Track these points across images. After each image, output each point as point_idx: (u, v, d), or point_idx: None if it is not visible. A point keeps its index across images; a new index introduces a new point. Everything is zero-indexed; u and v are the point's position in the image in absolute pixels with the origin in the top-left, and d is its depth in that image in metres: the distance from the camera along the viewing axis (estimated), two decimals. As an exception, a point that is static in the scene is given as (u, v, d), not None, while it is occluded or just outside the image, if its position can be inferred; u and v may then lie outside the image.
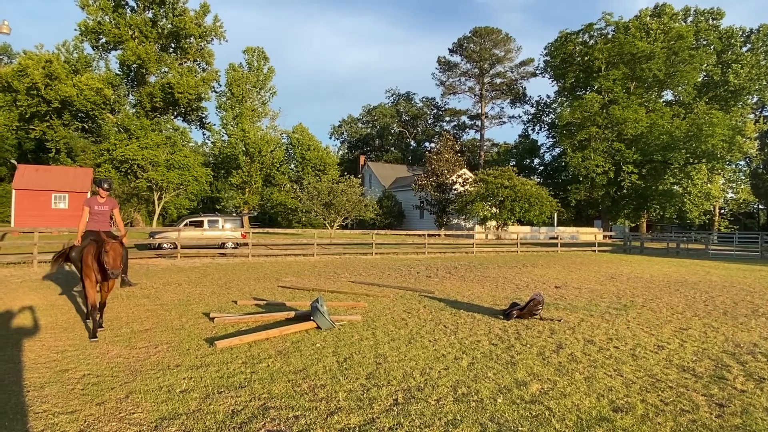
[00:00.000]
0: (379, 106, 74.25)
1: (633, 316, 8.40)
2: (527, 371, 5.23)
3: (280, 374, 4.99)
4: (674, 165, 41.02)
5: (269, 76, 50.35)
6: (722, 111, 42.90)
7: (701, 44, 47.04)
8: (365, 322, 7.53)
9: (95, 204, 7.21)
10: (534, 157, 64.15)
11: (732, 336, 7.07)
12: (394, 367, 5.28)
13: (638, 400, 4.42)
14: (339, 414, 4.00)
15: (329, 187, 34.76)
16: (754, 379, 5.09)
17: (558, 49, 47.84)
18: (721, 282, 13.91)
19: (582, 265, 18.64)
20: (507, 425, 3.83)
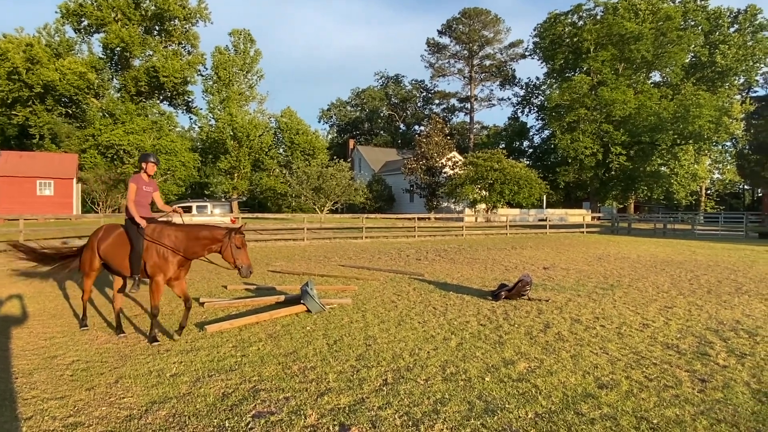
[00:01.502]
0: (368, 89, 73.70)
1: (619, 296, 8.53)
2: (515, 350, 5.31)
3: (271, 357, 5.02)
4: (662, 146, 41.29)
5: (256, 59, 49.69)
6: (709, 92, 43.13)
7: (689, 25, 47.04)
8: (355, 305, 7.57)
9: (143, 183, 6.06)
10: (523, 140, 64.25)
11: (715, 313, 7.21)
12: (383, 349, 5.33)
13: (623, 377, 4.51)
14: (329, 395, 4.04)
15: (318, 172, 34.61)
16: (735, 355, 5.20)
17: (547, 30, 47.63)
18: (706, 261, 14.13)
19: (570, 247, 18.82)
20: (494, 403, 3.89)
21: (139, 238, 5.67)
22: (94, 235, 6.08)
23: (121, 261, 5.73)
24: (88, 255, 6.01)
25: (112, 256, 5.82)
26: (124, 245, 5.75)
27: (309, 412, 3.69)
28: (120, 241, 5.82)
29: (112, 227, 6.12)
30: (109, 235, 5.95)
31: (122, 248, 5.75)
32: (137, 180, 6.03)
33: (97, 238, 5.98)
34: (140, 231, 5.70)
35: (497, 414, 3.68)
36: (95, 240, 5.98)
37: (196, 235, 5.74)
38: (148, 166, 6.11)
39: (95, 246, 5.94)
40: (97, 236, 6.01)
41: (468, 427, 3.48)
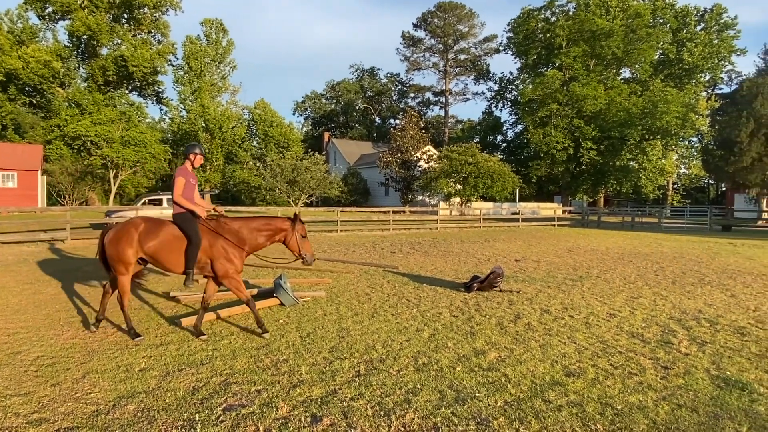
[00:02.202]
0: (343, 81, 73.26)
1: (588, 287, 8.74)
2: (486, 340, 5.40)
3: (243, 350, 4.99)
4: (631, 141, 42.27)
5: (228, 50, 48.89)
6: (676, 88, 44.31)
7: (658, 23, 48.14)
8: (329, 298, 7.57)
9: (190, 176, 5.77)
10: (497, 134, 64.82)
11: (679, 303, 7.45)
12: (356, 341, 5.35)
13: (590, 365, 4.63)
14: (301, 387, 4.04)
15: (293, 165, 34.35)
16: (697, 343, 5.40)
17: (521, 25, 48.10)
18: (672, 253, 14.57)
19: (542, 239, 19.15)
20: (465, 392, 3.96)
21: (197, 232, 5.47)
22: (129, 229, 5.40)
23: (172, 256, 5.43)
24: (126, 251, 5.32)
25: (163, 251, 5.42)
26: (177, 240, 5.45)
27: (281, 404, 3.69)
28: (172, 236, 5.47)
29: (152, 221, 5.63)
30: (157, 229, 5.48)
31: (175, 243, 5.44)
32: (185, 173, 5.71)
33: (137, 233, 5.39)
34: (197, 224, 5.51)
35: (467, 402, 3.75)
36: (134, 235, 5.37)
37: (261, 227, 5.72)
38: (196, 158, 5.85)
39: (136, 241, 5.37)
40: (136, 231, 5.40)
41: (439, 415, 3.53)
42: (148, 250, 5.41)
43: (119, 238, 5.37)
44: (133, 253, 5.35)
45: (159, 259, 5.47)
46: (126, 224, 5.50)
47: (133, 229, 5.41)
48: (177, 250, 5.42)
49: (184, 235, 5.45)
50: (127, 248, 5.32)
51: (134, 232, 5.39)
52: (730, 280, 9.63)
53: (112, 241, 5.39)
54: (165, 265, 5.52)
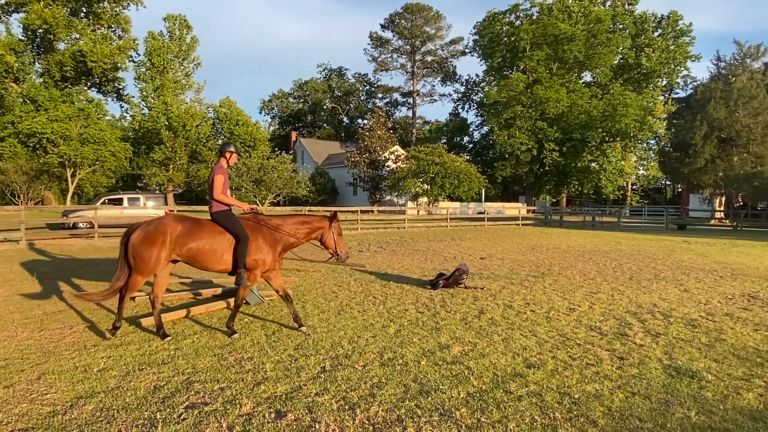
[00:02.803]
0: (311, 81, 72.78)
1: (549, 283, 8.97)
2: (450, 335, 5.48)
3: (206, 349, 4.92)
4: (592, 143, 43.50)
5: (193, 47, 47.84)
6: (635, 92, 45.79)
7: (617, 28, 49.69)
8: (295, 296, 7.53)
9: (226, 174, 5.71)
10: (464, 135, 65.63)
11: (635, 298, 7.74)
12: (322, 338, 5.36)
13: (549, 357, 4.77)
14: (266, 384, 4.02)
15: (259, 164, 33.91)
16: (651, 335, 5.63)
17: (486, 28, 48.81)
18: (630, 251, 15.09)
19: (506, 238, 19.52)
20: (429, 385, 4.02)
21: (244, 230, 5.42)
22: (164, 230, 5.16)
23: (216, 256, 5.33)
24: (160, 254, 5.10)
25: (207, 252, 5.30)
26: (221, 239, 5.37)
27: (244, 401, 3.66)
28: (215, 235, 5.37)
29: (187, 220, 5.44)
30: (197, 230, 5.33)
31: (219, 242, 5.36)
32: (223, 171, 5.63)
33: (173, 235, 5.18)
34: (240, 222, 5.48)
35: (431, 395, 3.81)
36: (169, 237, 5.15)
37: (300, 224, 5.83)
38: (231, 156, 5.80)
39: (172, 243, 5.17)
40: (172, 233, 5.18)
41: (403, 408, 3.58)
42: (187, 252, 5.26)
43: (152, 241, 5.12)
44: (165, 257, 5.17)
45: (201, 260, 5.35)
46: (159, 225, 5.24)
47: (168, 230, 5.20)
48: (221, 249, 5.35)
49: (231, 234, 5.41)
50: (160, 251, 5.12)
51: (169, 234, 5.19)
52: (683, 276, 10.05)
53: (143, 242, 5.12)
54: (206, 266, 5.40)
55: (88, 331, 5.51)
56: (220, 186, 5.52)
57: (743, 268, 11.27)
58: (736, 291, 8.44)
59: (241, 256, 5.35)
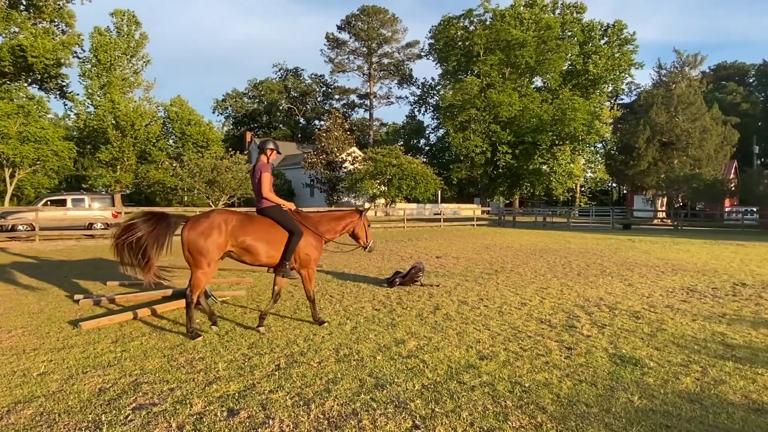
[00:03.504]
0: (266, 81, 71.61)
1: (502, 280, 9.19)
2: (406, 331, 5.53)
3: (155, 351, 4.76)
4: (542, 146, 44.85)
5: (142, 43, 46.18)
6: (583, 97, 47.58)
7: (566, 35, 51.49)
8: (250, 297, 7.41)
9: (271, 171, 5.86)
10: (420, 138, 66.34)
11: (583, 292, 8.03)
12: (277, 336, 5.29)
13: (501, 349, 4.89)
14: (218, 383, 3.93)
15: (213, 164, 33.04)
16: (597, 326, 5.85)
17: (441, 32, 49.54)
18: (578, 249, 15.66)
19: (461, 238, 19.85)
20: (384, 378, 4.04)
21: (298, 225, 5.66)
22: (220, 223, 5.20)
23: (268, 249, 5.46)
24: (218, 245, 5.16)
25: (260, 245, 5.41)
26: (274, 233, 5.52)
27: (195, 401, 3.57)
28: (268, 229, 5.51)
29: (240, 214, 5.56)
30: (251, 223, 5.44)
31: (272, 236, 5.51)
32: (268, 168, 5.79)
33: (229, 226, 5.24)
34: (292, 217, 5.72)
35: (386, 388, 3.83)
36: (226, 229, 5.21)
37: (337, 218, 6.21)
38: (272, 153, 5.91)
39: (228, 235, 5.22)
40: (227, 225, 5.23)
41: (358, 401, 3.57)
42: (241, 244, 5.34)
43: (208, 233, 5.13)
44: (222, 249, 5.25)
45: (253, 252, 5.42)
46: (214, 217, 5.27)
47: (223, 223, 5.24)
48: (273, 242, 5.50)
49: (284, 228, 5.58)
50: (218, 243, 5.17)
51: (225, 226, 5.23)
52: (628, 272, 10.52)
53: (200, 236, 5.10)
54: (256, 258, 5.48)
55: (27, 335, 5.23)
56: (267, 184, 5.70)
57: (682, 264, 11.90)
58: (676, 285, 8.90)
59: (291, 250, 5.55)
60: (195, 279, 5.20)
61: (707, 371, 4.33)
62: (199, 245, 5.08)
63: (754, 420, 3.37)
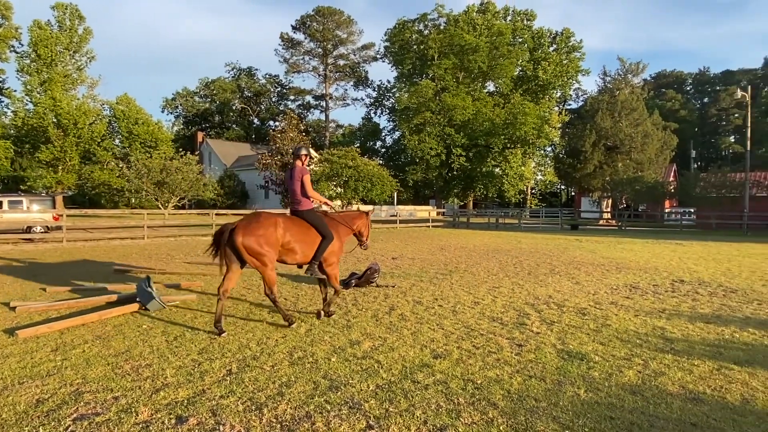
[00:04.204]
0: (219, 80, 69.97)
1: (456, 279, 9.35)
2: (361, 332, 5.53)
3: (98, 359, 4.55)
4: (495, 149, 45.93)
5: (86, 38, 44.11)
6: (533, 102, 49.06)
7: (517, 41, 52.99)
8: (200, 301, 7.21)
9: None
10: (376, 140, 66.53)
11: (533, 291, 8.27)
12: (229, 341, 5.16)
13: (455, 347, 4.97)
14: (166, 390, 3.80)
15: (162, 165, 31.99)
16: (546, 323, 6.04)
17: (396, 35, 49.93)
18: (529, 249, 16.12)
19: (417, 239, 20.04)
20: (339, 380, 4.02)
21: (328, 229, 6.09)
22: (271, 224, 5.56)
23: (305, 249, 5.87)
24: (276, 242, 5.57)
25: (300, 245, 5.83)
26: (311, 234, 5.95)
27: (142, 409, 3.43)
28: (306, 230, 5.94)
29: (284, 216, 5.99)
30: (295, 225, 5.87)
31: (310, 237, 5.93)
32: (306, 171, 6.17)
33: (280, 227, 5.62)
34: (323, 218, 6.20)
35: (341, 389, 3.81)
36: (280, 226, 5.63)
37: (352, 219, 6.82)
38: (306, 158, 6.26)
39: (282, 232, 5.64)
40: (279, 226, 5.61)
41: (312, 404, 3.54)
42: (287, 245, 5.70)
43: (265, 233, 5.49)
44: (278, 248, 5.60)
45: (293, 251, 5.78)
46: (268, 218, 5.64)
47: (279, 222, 5.66)
48: (309, 243, 5.92)
49: (318, 230, 6.02)
50: (278, 241, 5.59)
51: (281, 225, 5.65)
52: (575, 270, 10.91)
53: (261, 238, 5.43)
54: (295, 258, 5.86)
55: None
56: (310, 185, 6.14)
57: (626, 263, 12.46)
58: (620, 282, 9.30)
59: (322, 252, 6.00)
60: (267, 277, 5.55)
61: (648, 364, 4.54)
62: (256, 247, 5.41)
63: (690, 409, 3.56)
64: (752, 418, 3.42)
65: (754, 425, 3.31)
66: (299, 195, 6.10)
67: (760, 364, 4.57)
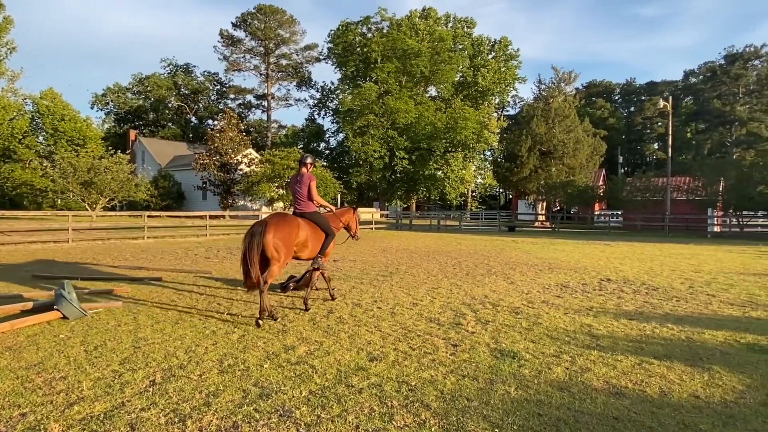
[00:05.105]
0: (153, 76, 66.88)
1: (396, 281, 9.38)
2: (297, 336, 5.40)
3: (7, 372, 4.19)
4: (437, 152, 46.79)
5: (5, 28, 41.10)
6: (473, 108, 50.42)
7: (458, 48, 54.27)
8: (126, 308, 6.81)
9: None
10: (320, 141, 66.03)
11: (470, 291, 8.43)
12: (155, 349, 4.90)
13: (391, 349, 4.95)
14: (81, 404, 3.53)
15: (89, 164, 30.18)
16: (481, 323, 6.15)
17: (339, 37, 49.84)
18: (468, 250, 16.47)
19: (360, 241, 19.97)
20: (270, 387, 3.89)
21: (330, 227, 6.94)
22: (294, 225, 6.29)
23: (314, 245, 6.68)
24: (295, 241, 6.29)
25: (311, 242, 6.61)
26: (316, 232, 6.72)
27: (52, 426, 3.17)
28: (315, 229, 6.72)
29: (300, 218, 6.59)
30: (308, 224, 6.59)
31: (316, 235, 6.71)
32: (313, 177, 6.91)
33: (300, 228, 6.38)
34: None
35: (272, 397, 3.69)
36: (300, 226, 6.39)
37: (342, 215, 7.73)
38: (311, 166, 7.07)
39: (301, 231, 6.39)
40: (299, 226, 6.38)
41: (240, 413, 3.40)
42: (303, 242, 6.46)
43: (293, 232, 6.25)
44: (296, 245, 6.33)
45: (307, 248, 6.57)
46: (291, 219, 6.37)
47: (297, 225, 6.36)
48: (317, 239, 6.74)
49: (323, 230, 6.82)
50: (297, 239, 6.33)
51: (301, 225, 6.41)
52: (510, 270, 11.24)
53: (287, 236, 6.11)
54: (303, 253, 6.58)
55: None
56: (316, 190, 6.87)
57: (558, 263, 12.98)
58: (552, 282, 9.66)
59: (326, 247, 6.86)
60: (272, 271, 6.01)
61: (575, 360, 4.71)
62: (283, 245, 6.04)
63: (613, 403, 3.71)
64: (668, 410, 3.61)
65: (670, 416, 3.50)
66: (306, 198, 6.78)
67: (677, 357, 4.85)
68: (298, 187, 6.82)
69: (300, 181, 6.83)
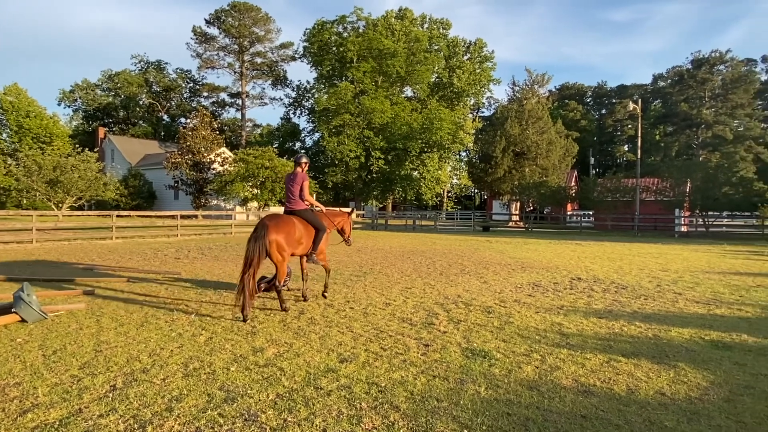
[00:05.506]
0: (124, 72, 65.33)
1: (370, 281, 9.33)
2: (266, 338, 5.29)
3: (-45, 379, 3.98)
4: (413, 153, 46.90)
5: (-35, 19, 39.56)
6: (449, 109, 50.71)
7: (434, 49, 54.49)
8: (89, 310, 6.58)
9: None
10: (296, 140, 65.49)
11: (443, 291, 8.43)
12: (117, 353, 4.73)
13: (362, 350, 4.89)
14: (35, 411, 3.38)
15: (55, 162, 29.27)
16: (453, 322, 6.14)
17: (315, 36, 49.52)
18: (443, 250, 16.52)
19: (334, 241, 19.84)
20: (236, 391, 3.79)
21: (322, 223, 7.18)
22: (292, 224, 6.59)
23: (305, 242, 6.87)
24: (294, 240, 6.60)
25: (306, 239, 6.87)
26: (308, 230, 6.95)
27: (2, 436, 3.01)
28: (307, 226, 6.95)
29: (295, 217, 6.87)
30: (300, 223, 6.82)
31: (308, 232, 6.94)
32: (306, 177, 7.10)
33: (297, 227, 6.66)
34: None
35: (237, 401, 3.59)
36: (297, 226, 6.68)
37: (336, 216, 7.95)
38: (306, 165, 7.25)
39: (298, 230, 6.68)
40: (296, 226, 6.67)
41: (203, 418, 3.29)
42: (299, 240, 6.72)
43: (293, 232, 6.57)
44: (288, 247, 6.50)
45: (302, 245, 6.81)
46: (289, 220, 6.65)
47: (294, 225, 6.63)
48: (309, 236, 6.97)
49: (313, 226, 7.04)
50: (296, 238, 6.63)
51: (295, 227, 6.64)
52: (484, 270, 11.30)
53: (288, 236, 6.44)
54: (299, 249, 6.80)
55: None
56: (308, 190, 7.08)
57: (530, 262, 13.11)
58: (524, 281, 9.74)
59: (318, 242, 7.09)
60: (281, 271, 6.42)
61: (545, 359, 4.73)
62: (286, 244, 6.37)
63: (581, 401, 3.73)
64: (635, 407, 3.64)
65: (636, 414, 3.52)
66: (297, 197, 7.00)
67: (644, 355, 4.92)
68: (292, 185, 7.05)
69: (294, 180, 7.07)
